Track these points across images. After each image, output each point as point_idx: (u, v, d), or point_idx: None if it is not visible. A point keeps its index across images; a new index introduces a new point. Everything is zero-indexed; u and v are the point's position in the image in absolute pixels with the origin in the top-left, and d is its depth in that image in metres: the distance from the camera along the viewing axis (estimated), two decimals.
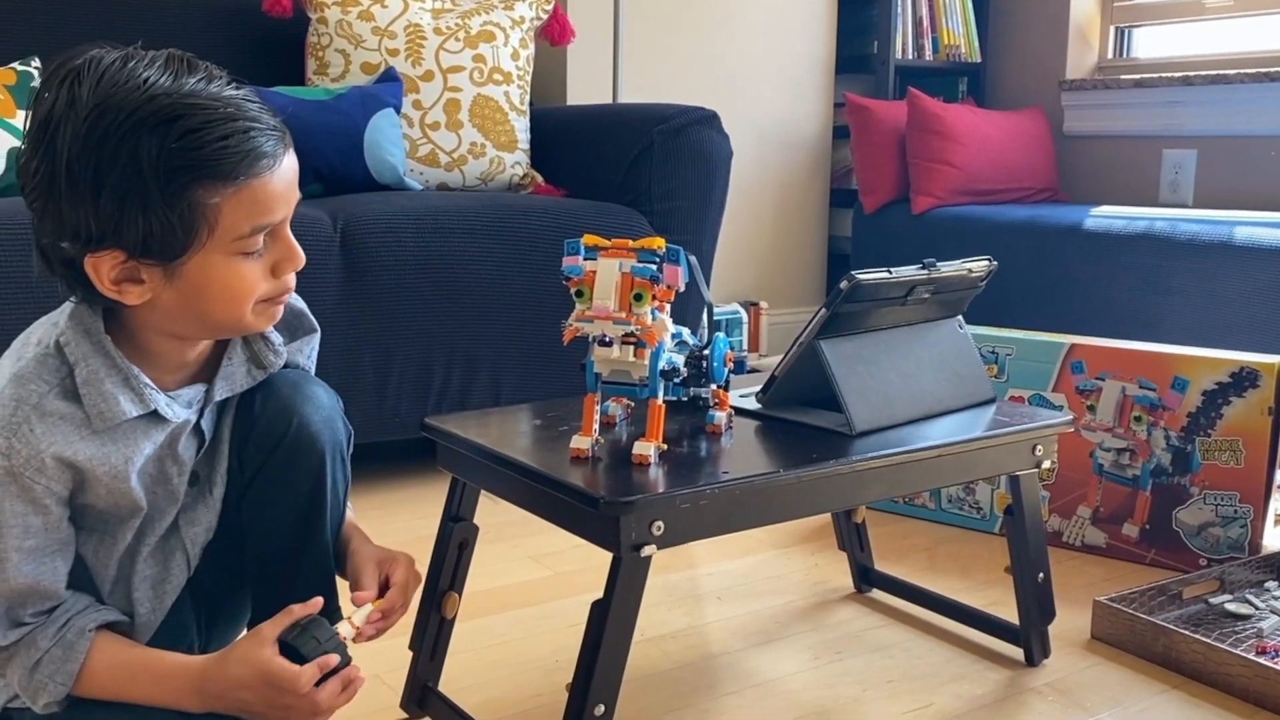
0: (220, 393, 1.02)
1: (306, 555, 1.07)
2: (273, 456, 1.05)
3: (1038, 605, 1.38)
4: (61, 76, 0.87)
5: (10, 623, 0.94)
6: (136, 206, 0.86)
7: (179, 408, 0.99)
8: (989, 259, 1.36)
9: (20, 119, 1.94)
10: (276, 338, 1.06)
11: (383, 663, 1.36)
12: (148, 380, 0.95)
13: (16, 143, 1.92)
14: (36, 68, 2.05)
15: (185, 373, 1.00)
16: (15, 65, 2.03)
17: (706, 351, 1.18)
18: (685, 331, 1.19)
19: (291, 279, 0.97)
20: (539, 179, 2.46)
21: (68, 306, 0.95)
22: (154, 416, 0.97)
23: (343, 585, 1.08)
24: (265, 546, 1.07)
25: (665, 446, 1.09)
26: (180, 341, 0.98)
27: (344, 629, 0.99)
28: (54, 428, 0.91)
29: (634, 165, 2.26)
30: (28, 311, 1.61)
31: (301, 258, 0.96)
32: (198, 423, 1.02)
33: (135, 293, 0.90)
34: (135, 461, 0.96)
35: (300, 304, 1.10)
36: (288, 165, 0.93)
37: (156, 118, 0.86)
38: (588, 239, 1.06)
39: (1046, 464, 1.33)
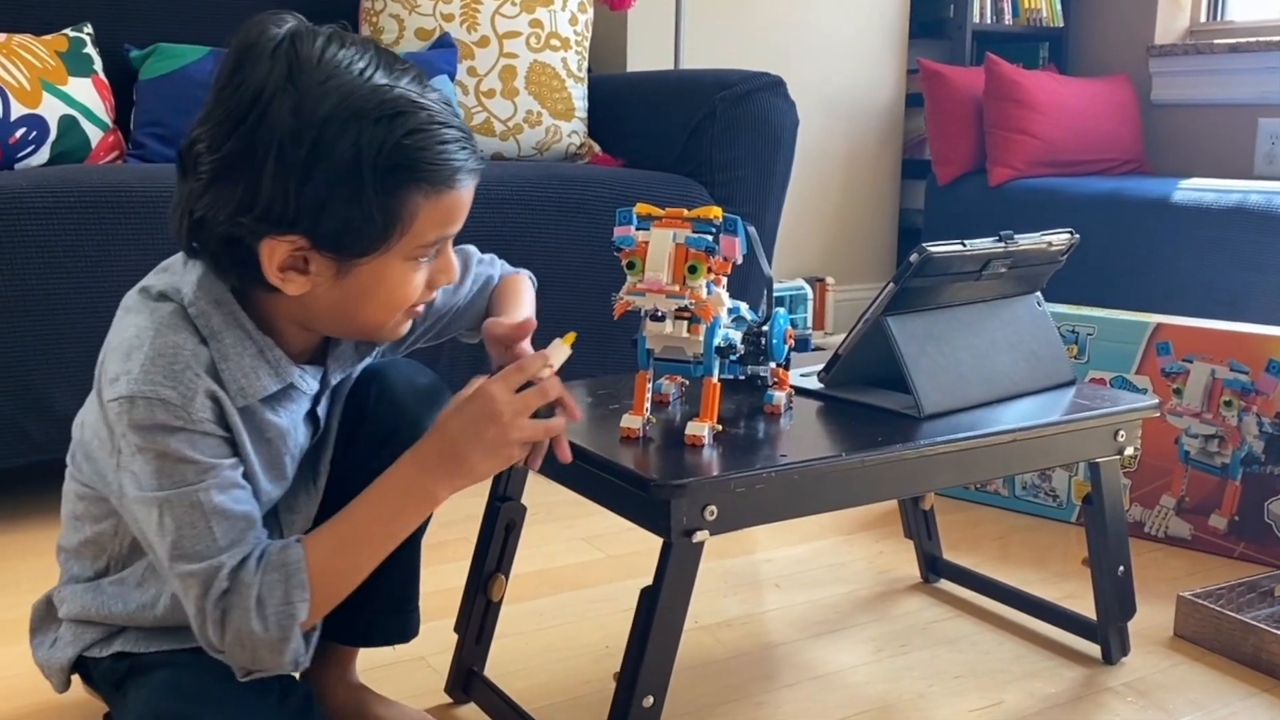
0: (335, 375, 1.01)
1: (400, 550, 1.04)
2: (382, 451, 1.03)
3: (1117, 600, 1.33)
4: (270, 48, 0.85)
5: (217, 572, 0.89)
6: (345, 196, 0.85)
7: (311, 380, 0.98)
8: (1070, 231, 1.31)
9: (72, 86, 1.96)
10: None
11: (427, 645, 1.35)
12: (282, 353, 0.94)
13: (69, 110, 1.94)
14: (89, 34, 2.07)
15: (302, 357, 0.98)
16: (68, 31, 2.05)
17: (765, 328, 1.15)
18: (743, 307, 1.16)
19: (435, 293, 0.98)
20: (596, 148, 2.43)
21: (190, 268, 0.92)
22: (284, 393, 0.96)
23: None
24: None
25: (720, 427, 1.06)
26: (306, 332, 0.96)
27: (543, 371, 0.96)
28: (213, 415, 0.90)
29: (695, 134, 2.22)
30: (78, 279, 1.64)
31: (456, 275, 0.98)
32: (312, 409, 1.01)
33: (298, 283, 0.89)
34: (267, 437, 0.96)
35: None
36: (474, 182, 0.92)
37: (382, 109, 0.84)
38: (640, 208, 1.03)
39: (1129, 450, 1.28)
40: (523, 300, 1.13)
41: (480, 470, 0.93)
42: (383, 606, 1.13)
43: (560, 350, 0.97)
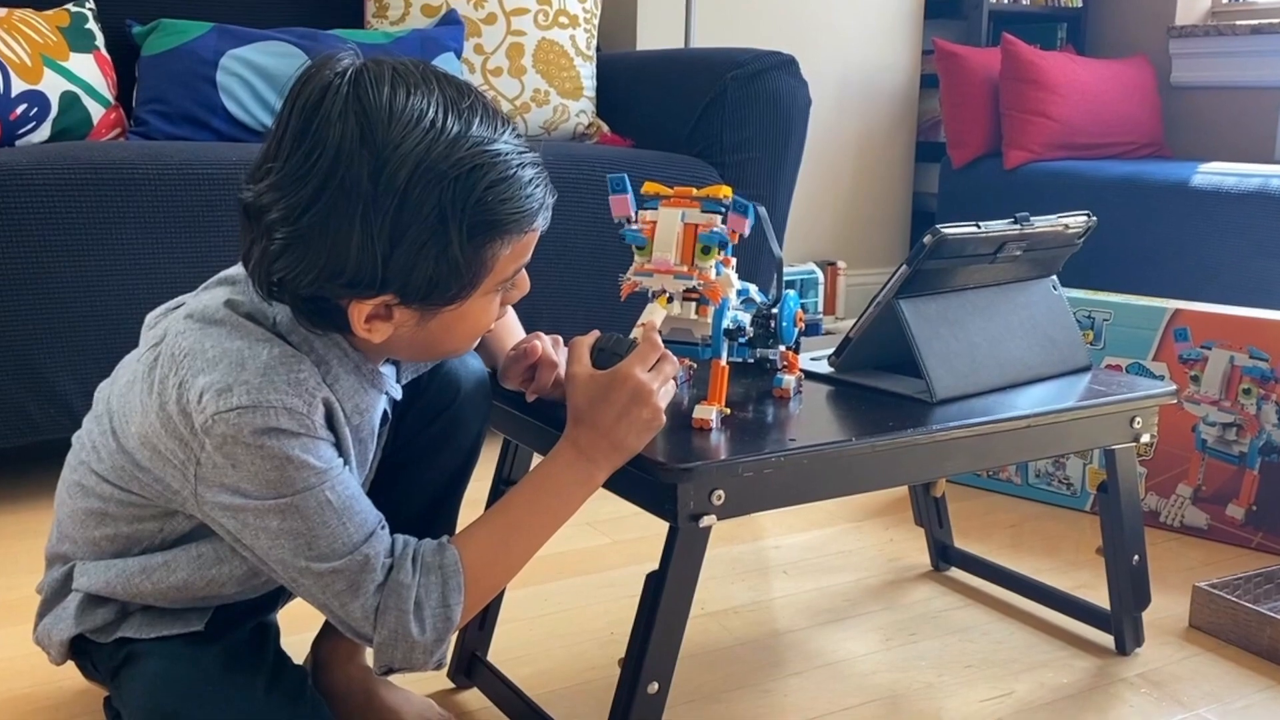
0: (405, 376, 1.05)
1: (437, 527, 1.10)
2: (430, 427, 1.10)
3: (1132, 589, 1.32)
4: (338, 109, 0.83)
5: (373, 573, 0.90)
6: (432, 257, 0.84)
7: (395, 385, 1.02)
8: (1087, 214, 1.30)
9: (73, 62, 1.95)
10: None
11: None
12: (374, 367, 0.96)
13: (70, 86, 1.94)
14: (90, 9, 2.06)
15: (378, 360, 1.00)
16: (69, 6, 2.04)
17: (775, 310, 1.14)
18: (753, 289, 1.15)
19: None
20: (605, 128, 2.42)
21: (264, 298, 0.91)
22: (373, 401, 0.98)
23: None
24: (399, 512, 1.04)
25: (728, 411, 1.05)
26: (376, 354, 0.97)
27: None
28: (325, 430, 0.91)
29: (705, 114, 2.21)
30: (79, 258, 1.63)
31: (528, 288, 0.98)
32: (383, 422, 1.03)
33: (382, 331, 0.89)
34: (361, 438, 0.97)
35: None
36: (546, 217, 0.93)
37: (460, 167, 0.84)
38: (649, 187, 1.03)
39: (1145, 438, 1.27)
40: (517, 332, 1.15)
41: (636, 447, 0.96)
42: None
43: (658, 311, 1.00)
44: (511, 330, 1.17)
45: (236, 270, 0.96)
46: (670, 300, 1.00)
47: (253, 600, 1.05)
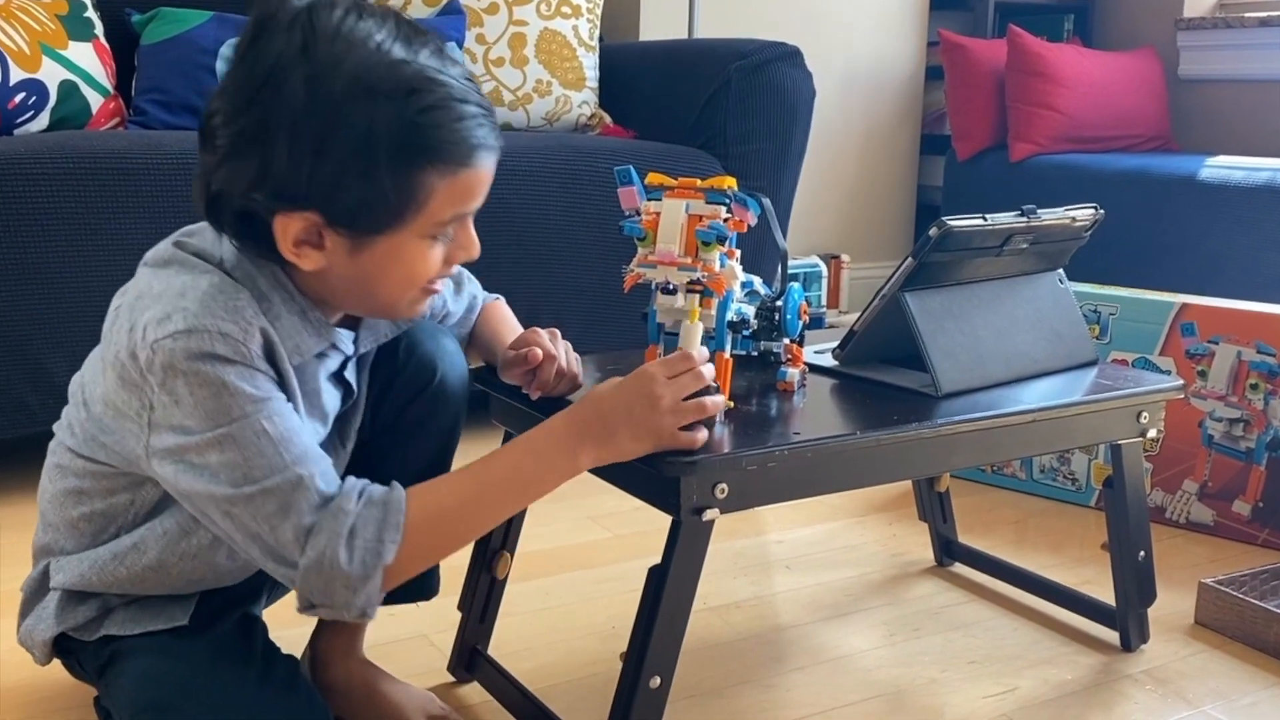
0: (366, 343, 1.02)
1: None
2: (411, 407, 1.09)
3: (1137, 585, 1.32)
4: (288, 22, 0.84)
5: (312, 496, 0.88)
6: (358, 174, 0.84)
7: (348, 343, 0.99)
8: (1094, 207, 1.29)
9: (72, 50, 1.95)
10: None
11: (430, 623, 1.35)
12: (321, 315, 0.95)
13: (68, 75, 1.93)
14: None
15: (333, 321, 0.99)
16: None
17: (779, 303, 1.14)
18: (757, 281, 1.15)
19: (454, 269, 0.96)
20: (607, 119, 2.41)
21: (216, 240, 0.92)
22: (319, 357, 0.97)
23: None
24: None
25: (732, 404, 1.05)
26: (325, 306, 0.96)
27: None
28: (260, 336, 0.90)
29: (709, 105, 2.20)
30: (78, 247, 1.63)
31: (478, 251, 0.95)
32: (341, 373, 1.01)
33: (313, 258, 0.89)
34: (311, 388, 0.96)
35: None
36: (494, 160, 0.91)
37: (397, 86, 0.84)
38: (653, 178, 1.02)
39: (1152, 433, 1.27)
40: (513, 325, 1.17)
41: (627, 449, 0.94)
42: None
43: (695, 331, 0.98)
44: (507, 322, 1.17)
45: (200, 225, 0.96)
46: (673, 292, 1.00)
47: (235, 590, 1.05)
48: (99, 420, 0.96)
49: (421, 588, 1.17)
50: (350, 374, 1.03)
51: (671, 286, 1.00)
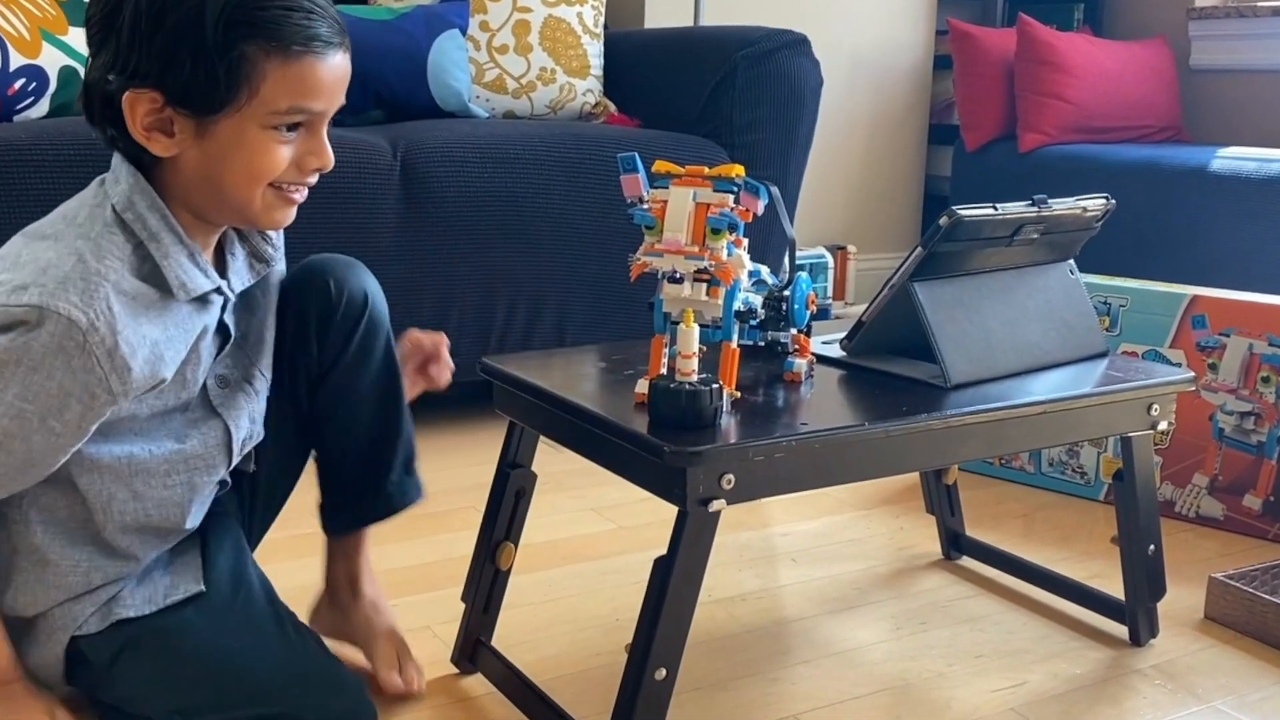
0: (237, 285, 1.06)
1: (390, 438, 1.20)
2: (355, 337, 1.15)
3: (1147, 580, 1.32)
4: None
5: None
6: (188, 49, 0.91)
7: (228, 286, 1.04)
8: (1105, 197, 1.29)
9: (72, 36, 1.95)
10: (270, 233, 1.10)
11: (433, 614, 1.35)
12: (205, 258, 1.01)
13: (69, 61, 1.93)
14: None
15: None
16: None
17: (787, 292, 1.13)
18: (764, 270, 1.15)
19: (312, 178, 1.01)
20: (612, 108, 2.41)
21: (113, 184, 0.99)
22: (203, 299, 1.01)
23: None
24: (351, 431, 1.17)
25: (739, 394, 1.05)
26: (200, 223, 1.01)
27: None
28: (126, 307, 0.94)
29: (715, 93, 2.20)
30: None
31: (330, 160, 1.00)
32: (220, 319, 1.06)
33: (163, 144, 0.95)
34: (185, 343, 1.00)
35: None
36: (338, 63, 0.97)
37: None
38: (660, 165, 1.02)
39: (1163, 425, 1.27)
40: None
41: None
42: (387, 471, 1.20)
43: (691, 335, 0.98)
44: None
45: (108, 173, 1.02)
46: (680, 281, 0.99)
47: (224, 541, 1.11)
48: None
49: (415, 490, 1.24)
50: (228, 318, 1.07)
51: (678, 275, 1.00)
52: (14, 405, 0.91)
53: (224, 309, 1.05)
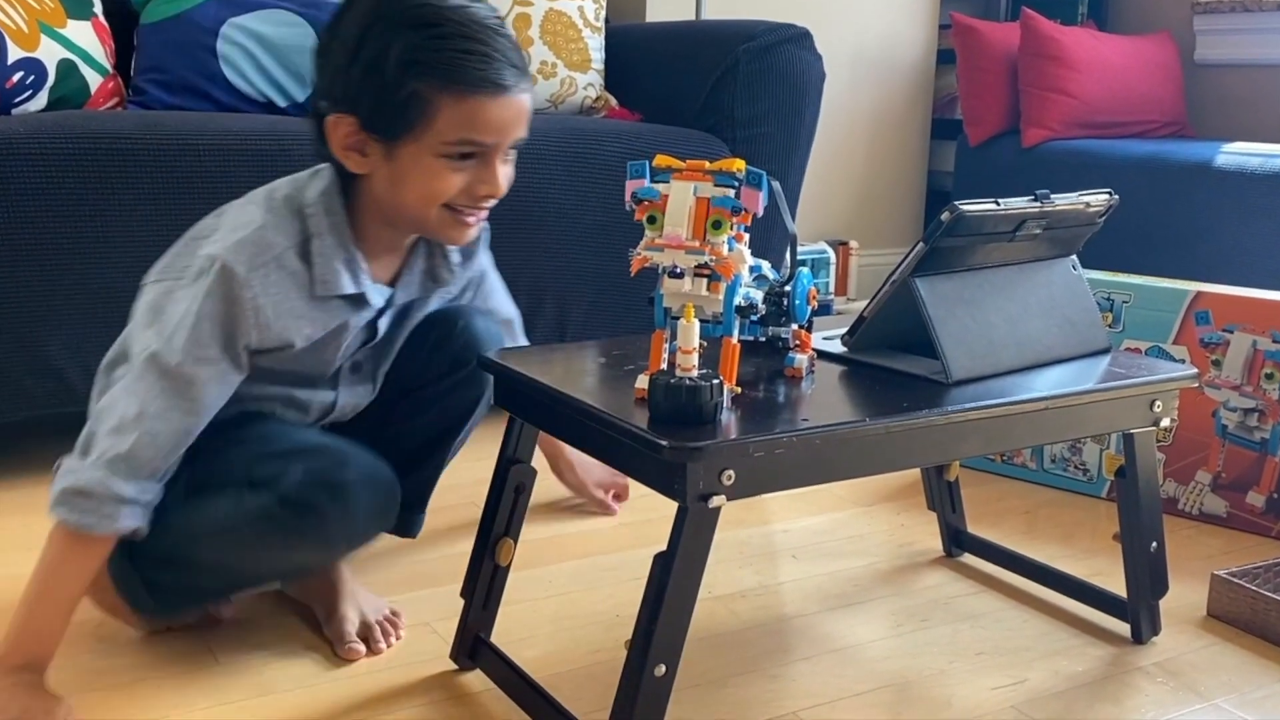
0: (400, 297, 1.25)
1: (425, 467, 1.38)
2: (441, 380, 1.33)
3: (1149, 577, 1.32)
4: None
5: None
6: (374, 83, 1.09)
7: (379, 295, 1.22)
8: (1109, 192, 1.29)
9: (71, 29, 1.95)
10: (455, 258, 1.29)
11: (432, 610, 1.35)
12: (365, 266, 1.19)
13: (67, 54, 1.93)
14: None
15: (383, 271, 1.23)
16: None
17: (788, 288, 1.13)
18: (765, 265, 1.15)
19: (485, 203, 1.16)
20: (613, 102, 2.41)
21: (316, 179, 1.18)
22: (355, 299, 1.19)
23: None
24: (398, 442, 1.33)
25: (739, 390, 1.05)
26: (389, 230, 1.20)
27: None
28: (282, 280, 1.13)
29: (716, 87, 2.20)
30: (76, 228, 1.63)
31: (500, 189, 1.16)
32: (374, 320, 1.24)
33: (356, 162, 1.14)
34: (325, 328, 1.18)
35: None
36: (512, 101, 1.12)
37: (419, 20, 1.09)
38: (660, 160, 1.02)
39: (1166, 422, 1.27)
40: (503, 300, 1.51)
41: None
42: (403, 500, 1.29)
43: (691, 330, 0.99)
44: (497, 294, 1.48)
45: (302, 174, 1.21)
46: (681, 276, 0.99)
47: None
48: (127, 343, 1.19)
49: (407, 526, 1.40)
50: (382, 321, 1.25)
51: (679, 270, 1.00)
52: (182, 330, 1.10)
53: (381, 313, 1.23)
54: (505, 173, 1.16)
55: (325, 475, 1.13)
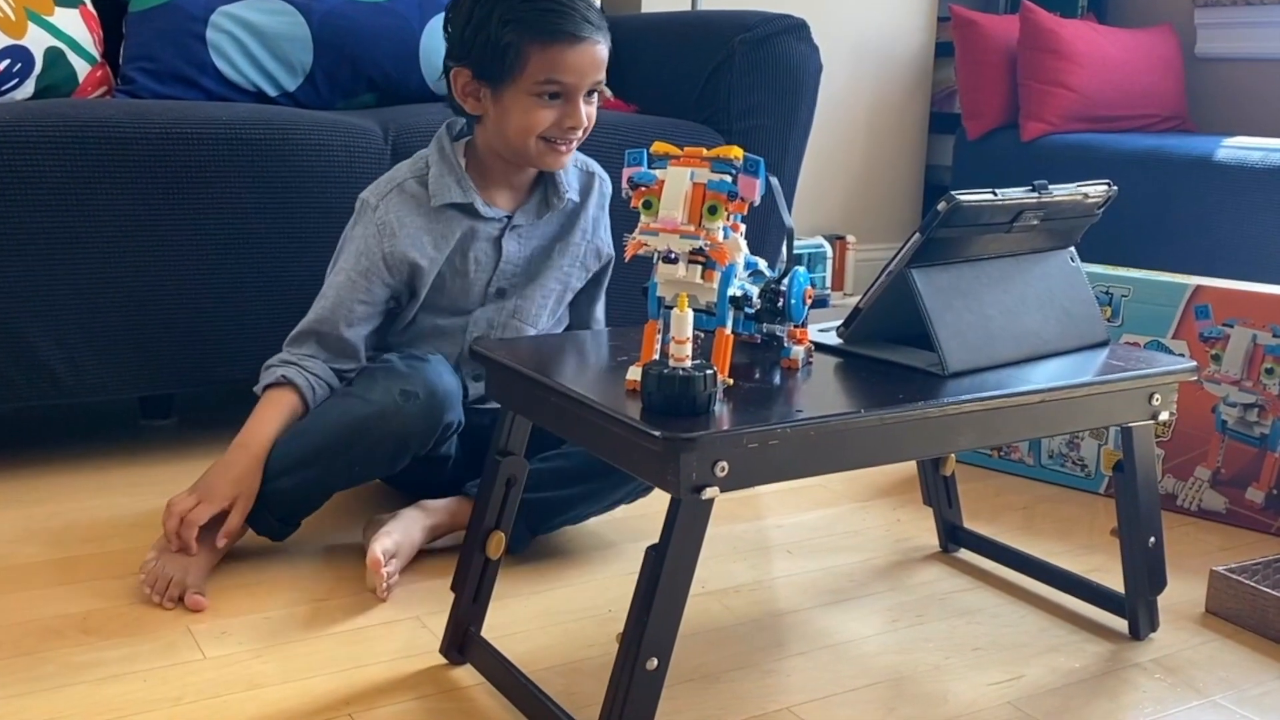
0: (519, 219, 1.53)
1: (557, 498, 1.50)
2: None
3: (1147, 572, 1.32)
4: None
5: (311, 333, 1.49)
6: (482, 38, 1.40)
7: (489, 210, 1.50)
8: (1108, 183, 1.29)
9: (58, 16, 1.94)
10: (564, 186, 1.54)
11: (422, 604, 1.35)
12: (472, 184, 1.49)
13: (54, 41, 1.92)
14: None
15: (506, 202, 1.52)
16: None
17: (783, 285, 1.13)
18: (761, 262, 1.15)
19: (573, 134, 1.44)
20: (608, 93, 2.39)
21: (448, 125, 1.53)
22: (470, 213, 1.49)
23: None
24: (557, 461, 1.50)
25: (732, 381, 1.05)
26: (503, 165, 1.50)
27: None
28: (404, 201, 1.47)
29: (712, 79, 2.19)
30: (63, 217, 1.62)
31: (581, 121, 1.43)
32: (499, 239, 1.52)
33: (472, 105, 1.45)
34: (448, 240, 1.49)
35: (594, 168, 1.62)
36: (587, 49, 1.40)
37: None
38: (658, 147, 1.02)
39: (1164, 415, 1.26)
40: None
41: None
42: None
43: (685, 319, 1.00)
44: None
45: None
46: (675, 261, 0.99)
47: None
48: None
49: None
50: (508, 242, 1.52)
51: (673, 255, 0.99)
52: (349, 258, 1.47)
53: (503, 232, 1.51)
54: (588, 111, 1.44)
55: (400, 385, 1.40)
